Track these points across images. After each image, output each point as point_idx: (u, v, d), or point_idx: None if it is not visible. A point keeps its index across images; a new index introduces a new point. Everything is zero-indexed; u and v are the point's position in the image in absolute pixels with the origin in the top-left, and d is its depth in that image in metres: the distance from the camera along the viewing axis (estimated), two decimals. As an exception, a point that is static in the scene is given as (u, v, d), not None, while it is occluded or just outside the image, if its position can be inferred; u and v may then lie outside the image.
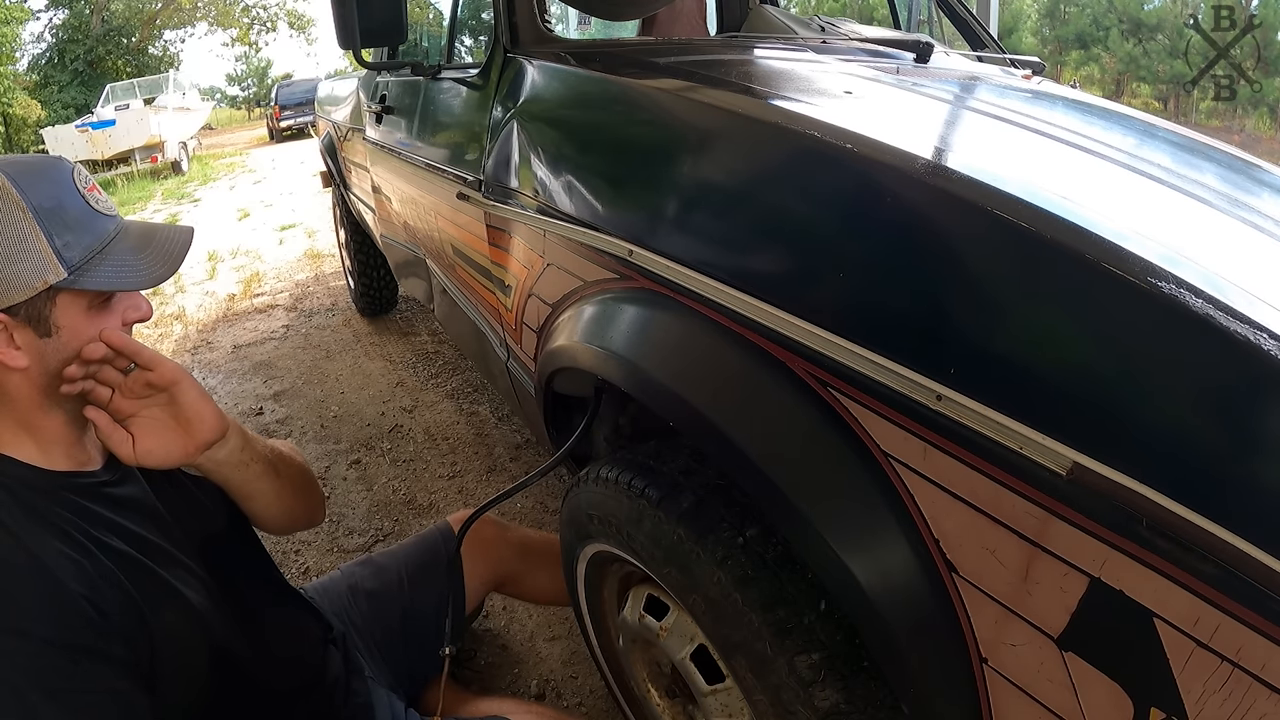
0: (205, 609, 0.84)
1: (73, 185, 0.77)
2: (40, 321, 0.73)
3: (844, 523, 0.63)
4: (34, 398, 0.75)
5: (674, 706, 1.02)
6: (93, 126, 11.77)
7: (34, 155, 0.80)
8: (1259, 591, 0.42)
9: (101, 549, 0.75)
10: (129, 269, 0.78)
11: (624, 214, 0.95)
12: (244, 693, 0.89)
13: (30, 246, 0.71)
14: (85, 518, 0.76)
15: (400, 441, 2.34)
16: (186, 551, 0.85)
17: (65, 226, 0.74)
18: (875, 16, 10.97)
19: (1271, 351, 0.45)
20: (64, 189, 0.76)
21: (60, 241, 0.73)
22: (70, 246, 0.74)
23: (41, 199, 0.73)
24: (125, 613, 0.73)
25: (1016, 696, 0.56)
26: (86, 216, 0.77)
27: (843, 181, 0.71)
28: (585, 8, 2.02)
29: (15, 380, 0.74)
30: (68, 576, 0.70)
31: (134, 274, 0.78)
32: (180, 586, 0.82)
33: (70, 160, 0.81)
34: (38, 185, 0.73)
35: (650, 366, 0.84)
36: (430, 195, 1.70)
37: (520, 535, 1.35)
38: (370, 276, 3.29)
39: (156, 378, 0.80)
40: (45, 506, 0.74)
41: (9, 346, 0.72)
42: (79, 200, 0.77)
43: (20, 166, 0.74)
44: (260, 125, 23.81)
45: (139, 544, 0.79)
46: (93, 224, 0.77)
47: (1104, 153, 0.90)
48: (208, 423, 0.83)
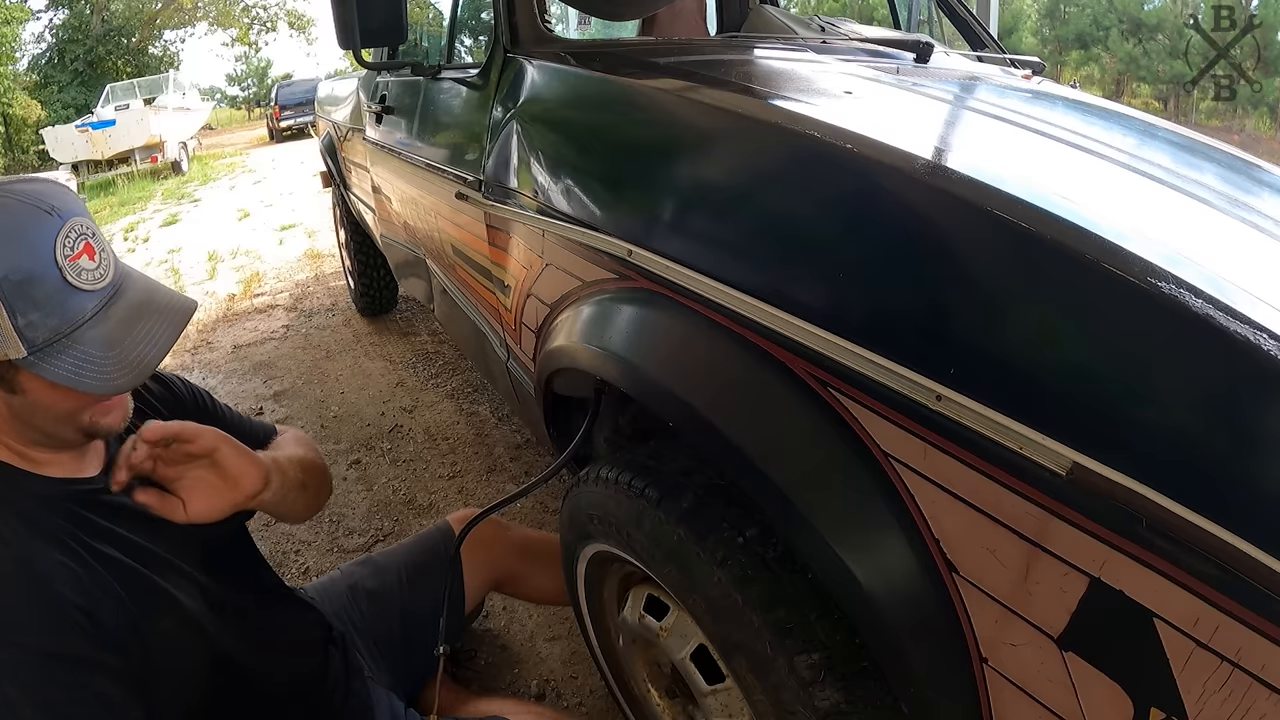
0: (202, 615, 0.83)
1: (52, 254, 0.69)
2: (4, 382, 0.70)
3: (844, 523, 0.63)
4: (13, 433, 0.74)
5: (674, 706, 1.02)
6: (93, 126, 11.77)
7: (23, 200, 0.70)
8: (1259, 591, 0.42)
9: (97, 557, 0.74)
10: (90, 367, 0.70)
11: (623, 214, 0.95)
12: (243, 695, 0.89)
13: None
14: (81, 526, 0.75)
15: (400, 441, 2.34)
16: (184, 557, 0.85)
17: (32, 304, 0.67)
18: (875, 16, 10.97)
19: (1271, 351, 0.45)
20: (40, 259, 0.68)
21: (23, 320, 0.67)
22: (34, 327, 0.68)
23: (10, 269, 0.66)
24: (120, 622, 0.73)
25: (1017, 696, 0.56)
26: (59, 294, 0.69)
27: (843, 182, 0.70)
28: (585, 8, 2.02)
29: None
30: (63, 586, 0.70)
31: (94, 376, 0.70)
32: (177, 593, 0.82)
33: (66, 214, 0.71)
34: (11, 251, 0.67)
35: (650, 367, 0.84)
36: (430, 195, 1.70)
37: (520, 535, 1.35)
38: (370, 276, 3.29)
39: (196, 449, 0.80)
40: (41, 514, 0.73)
41: None
42: (55, 274, 0.69)
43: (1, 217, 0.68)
44: (260, 125, 23.80)
45: (135, 551, 0.79)
46: (65, 303, 0.70)
47: (1104, 153, 0.90)
48: (250, 477, 0.83)
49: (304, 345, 3.30)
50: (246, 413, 2.70)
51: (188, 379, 1.02)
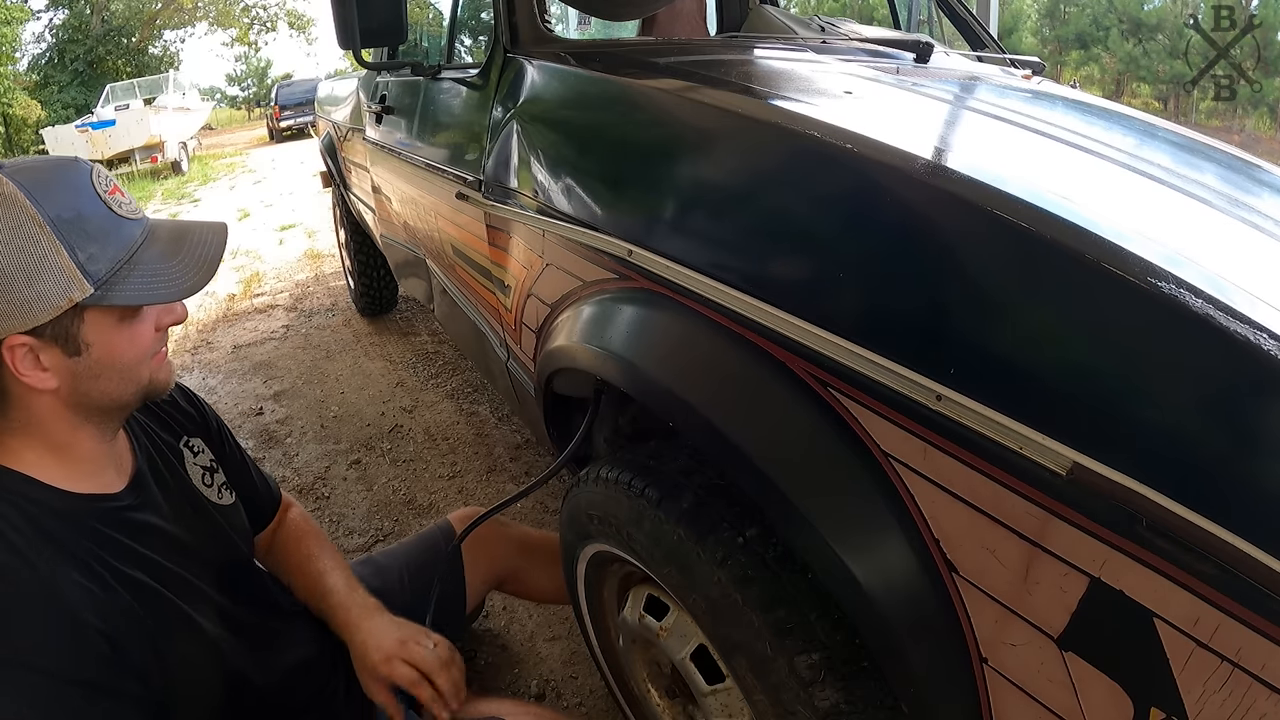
0: (220, 637, 0.83)
1: (92, 189, 0.71)
2: (68, 340, 0.70)
3: (844, 523, 0.63)
4: (64, 417, 0.73)
5: (674, 706, 1.02)
6: (93, 127, 11.77)
7: (47, 158, 0.74)
8: (1259, 591, 0.42)
9: (121, 580, 0.74)
10: (160, 279, 0.73)
11: (623, 214, 0.95)
12: (254, 711, 0.89)
13: (50, 263, 0.66)
14: (105, 546, 0.74)
15: (400, 441, 2.34)
16: (204, 579, 0.84)
17: (88, 237, 0.69)
18: (875, 16, 10.97)
19: (1271, 351, 0.45)
20: (83, 195, 0.70)
21: (83, 254, 0.68)
22: (95, 259, 0.69)
23: (59, 209, 0.68)
24: (141, 647, 0.72)
25: (1017, 696, 0.56)
26: (110, 223, 0.71)
27: (843, 182, 0.70)
28: (585, 8, 2.02)
29: (44, 401, 0.71)
30: (87, 613, 0.69)
31: (166, 285, 0.73)
32: (197, 616, 0.81)
33: (87, 160, 0.75)
34: (54, 194, 0.68)
35: (650, 367, 0.84)
36: (430, 195, 1.70)
37: (519, 532, 1.35)
38: (370, 276, 3.29)
39: None
40: (66, 534, 0.72)
41: (36, 369, 0.69)
42: (100, 206, 0.71)
43: (33, 173, 0.69)
44: (260, 125, 23.81)
45: (157, 573, 0.78)
46: (118, 231, 0.72)
47: (1104, 153, 0.90)
48: None
49: (304, 345, 3.30)
50: (246, 413, 2.70)
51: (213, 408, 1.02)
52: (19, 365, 0.69)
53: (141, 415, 0.89)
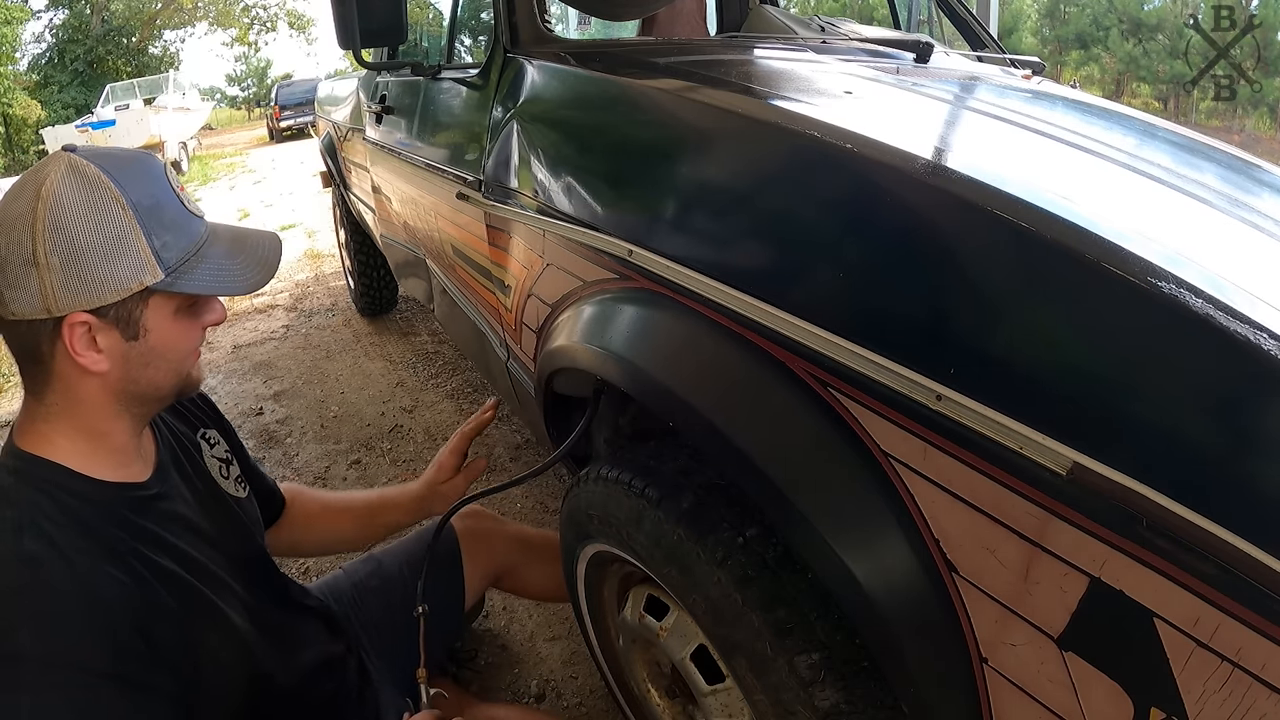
0: (245, 631, 0.83)
1: (167, 181, 0.75)
2: (129, 324, 0.72)
3: (844, 523, 0.63)
4: (106, 403, 0.74)
5: (674, 706, 1.02)
6: (93, 127, 11.78)
7: (125, 150, 0.77)
8: (1259, 591, 0.42)
9: (152, 570, 0.74)
10: (226, 273, 0.76)
11: (624, 214, 0.95)
12: (273, 707, 0.89)
13: (130, 245, 0.69)
14: (137, 536, 0.75)
15: (400, 441, 2.34)
16: (228, 571, 0.84)
17: (163, 226, 0.72)
18: (875, 16, 10.98)
19: (1271, 351, 0.45)
20: (160, 186, 0.74)
21: (159, 241, 0.71)
22: (169, 247, 0.72)
23: (141, 196, 0.71)
24: (172, 639, 0.73)
25: (1017, 696, 0.56)
26: (182, 217, 0.75)
27: (843, 181, 0.70)
28: (585, 8, 2.02)
29: (91, 385, 0.72)
30: (120, 605, 0.69)
31: (231, 278, 0.77)
32: (225, 608, 0.81)
33: (160, 157, 0.79)
34: (136, 181, 0.71)
35: (650, 366, 0.84)
36: (430, 195, 1.70)
37: (518, 529, 1.36)
38: (370, 276, 3.29)
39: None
40: (100, 524, 0.72)
41: (91, 349, 0.70)
42: (174, 199, 0.75)
43: (116, 161, 0.72)
44: (260, 125, 23.83)
45: (186, 563, 0.78)
46: (188, 225, 0.75)
47: (1104, 153, 0.90)
48: None
49: (304, 345, 3.30)
50: (246, 413, 2.70)
51: None
52: (76, 343, 0.70)
53: None
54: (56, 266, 0.67)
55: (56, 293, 0.67)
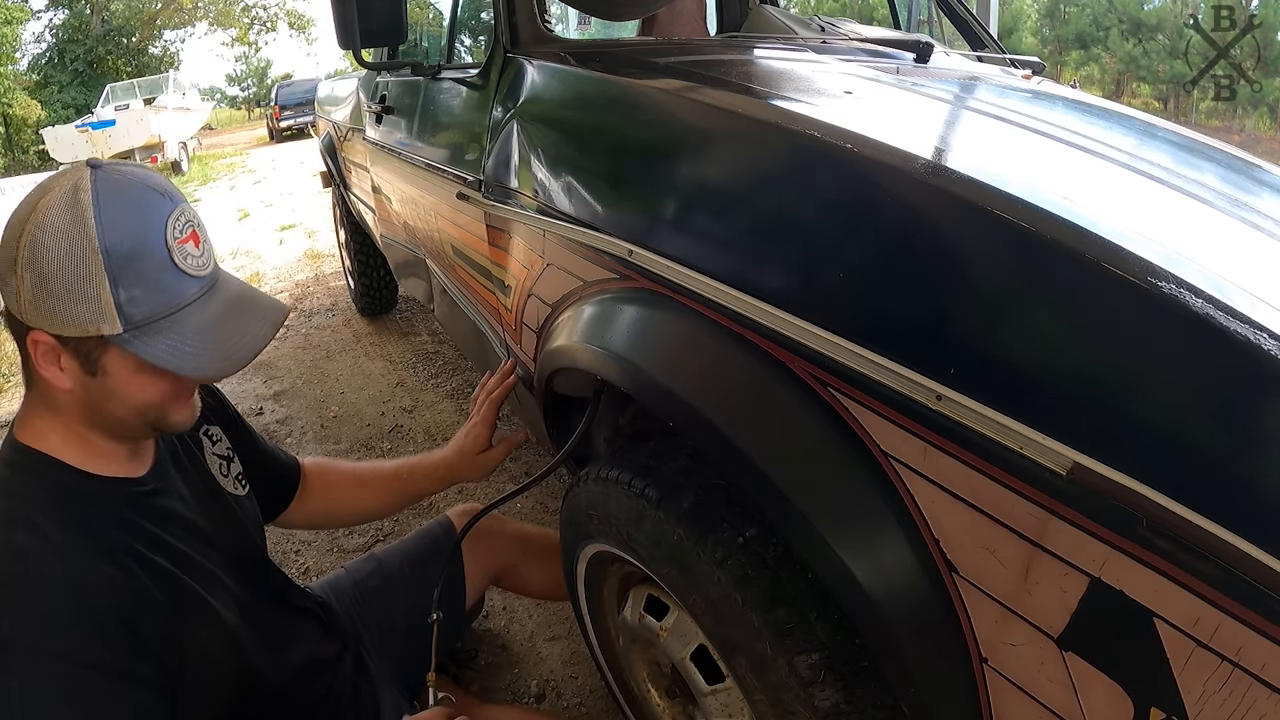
0: (236, 627, 0.83)
1: (162, 230, 0.69)
2: (88, 360, 0.70)
3: (844, 523, 0.63)
4: (78, 415, 0.74)
5: (674, 706, 1.02)
6: (93, 127, 11.78)
7: (146, 179, 0.71)
8: (1259, 591, 0.42)
9: (142, 564, 0.74)
10: (189, 350, 0.70)
11: (624, 214, 0.95)
12: (263, 703, 0.89)
13: (91, 290, 0.66)
14: (128, 530, 0.75)
15: (400, 441, 2.34)
16: (222, 568, 0.85)
17: (136, 279, 0.67)
18: (875, 16, 10.97)
19: (1271, 351, 0.45)
20: (150, 233, 0.68)
21: (125, 295, 0.67)
22: (136, 303, 0.67)
23: (119, 239, 0.66)
24: (160, 633, 0.73)
25: (1017, 696, 0.56)
26: (165, 273, 0.69)
27: (843, 181, 0.70)
28: (585, 8, 2.02)
29: (61, 395, 0.72)
30: (108, 597, 0.69)
31: (191, 360, 0.70)
32: (216, 604, 0.81)
33: (177, 199, 0.71)
34: (124, 221, 0.67)
35: (650, 367, 0.84)
36: (430, 195, 1.70)
37: (518, 528, 1.36)
38: (370, 276, 3.29)
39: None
40: (91, 518, 0.72)
41: (54, 366, 0.70)
42: (162, 251, 0.69)
43: (119, 191, 0.68)
44: (260, 125, 23.82)
45: (178, 559, 0.78)
46: (171, 284, 0.69)
47: (1104, 153, 0.90)
48: None
49: (304, 345, 3.30)
50: (246, 413, 2.70)
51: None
52: (39, 358, 0.70)
53: None
54: (27, 283, 0.67)
55: (25, 306, 0.68)
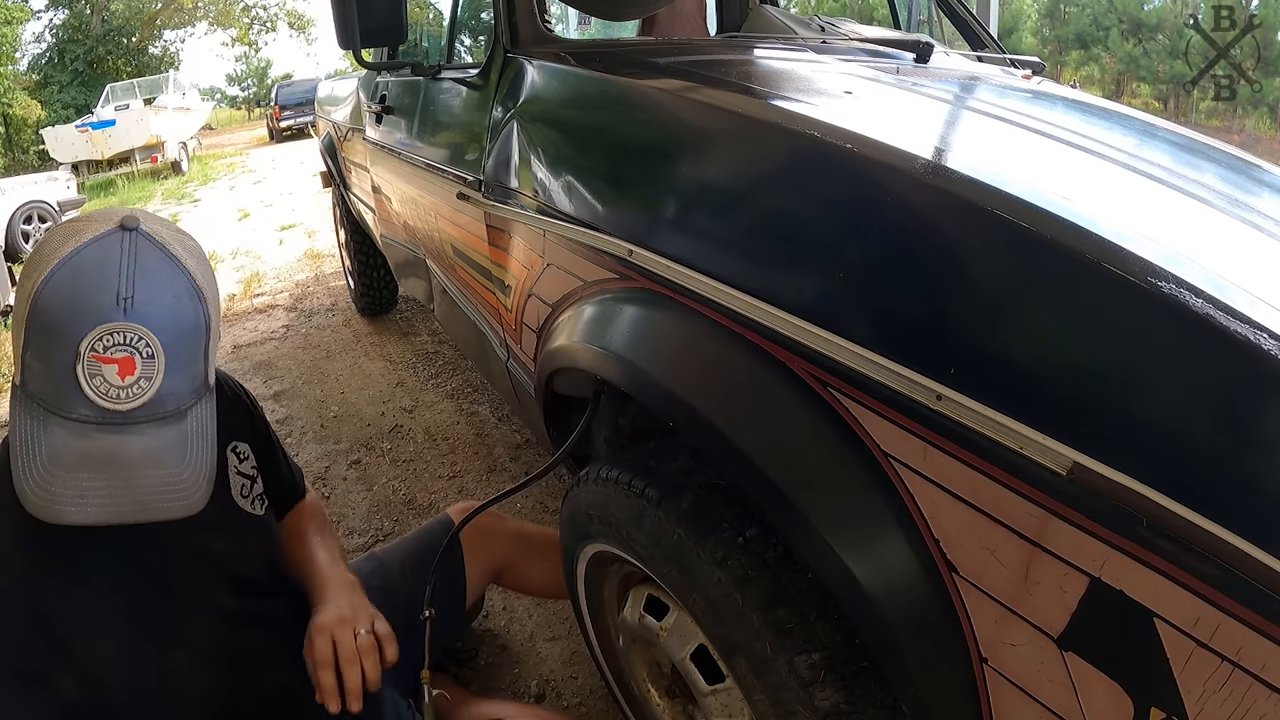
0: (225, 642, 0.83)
1: (80, 338, 0.63)
2: None
3: (844, 523, 0.63)
4: None
5: (674, 706, 1.02)
6: (93, 127, 11.77)
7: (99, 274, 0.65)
8: (1259, 591, 0.42)
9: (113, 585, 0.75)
10: (35, 458, 0.64)
11: (624, 214, 0.95)
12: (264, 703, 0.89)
13: (20, 324, 0.67)
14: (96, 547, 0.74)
15: (400, 441, 2.34)
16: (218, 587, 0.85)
17: (41, 352, 0.65)
18: (875, 16, 10.97)
19: (1271, 351, 0.45)
20: (71, 325, 0.64)
21: (29, 354, 0.66)
22: (30, 371, 0.65)
23: (49, 304, 0.64)
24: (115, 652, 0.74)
25: (1017, 696, 0.56)
26: (61, 373, 0.64)
27: (843, 181, 0.70)
28: (585, 8, 2.02)
29: None
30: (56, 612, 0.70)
31: (19, 467, 0.64)
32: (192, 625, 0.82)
33: (134, 318, 0.64)
34: (63, 292, 0.64)
35: (650, 367, 0.84)
36: (430, 195, 1.70)
37: (517, 526, 1.36)
38: (370, 276, 3.29)
39: None
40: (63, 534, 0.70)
41: None
42: (69, 357, 0.63)
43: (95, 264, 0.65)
44: (260, 125, 23.81)
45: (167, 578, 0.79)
46: (62, 384, 0.64)
47: (1104, 153, 0.90)
48: None
49: (304, 345, 3.30)
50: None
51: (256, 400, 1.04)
52: None
53: None
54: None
55: None
